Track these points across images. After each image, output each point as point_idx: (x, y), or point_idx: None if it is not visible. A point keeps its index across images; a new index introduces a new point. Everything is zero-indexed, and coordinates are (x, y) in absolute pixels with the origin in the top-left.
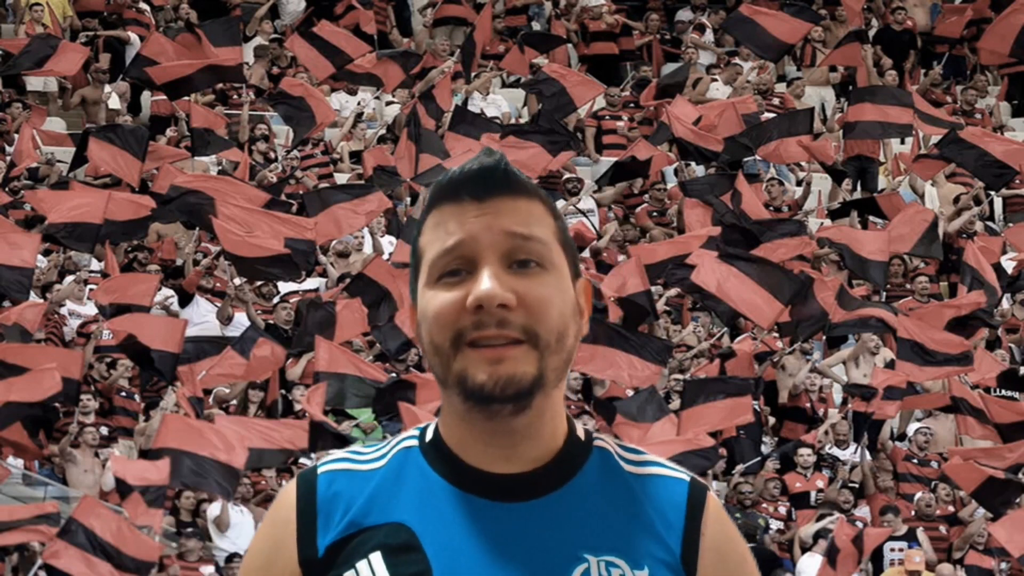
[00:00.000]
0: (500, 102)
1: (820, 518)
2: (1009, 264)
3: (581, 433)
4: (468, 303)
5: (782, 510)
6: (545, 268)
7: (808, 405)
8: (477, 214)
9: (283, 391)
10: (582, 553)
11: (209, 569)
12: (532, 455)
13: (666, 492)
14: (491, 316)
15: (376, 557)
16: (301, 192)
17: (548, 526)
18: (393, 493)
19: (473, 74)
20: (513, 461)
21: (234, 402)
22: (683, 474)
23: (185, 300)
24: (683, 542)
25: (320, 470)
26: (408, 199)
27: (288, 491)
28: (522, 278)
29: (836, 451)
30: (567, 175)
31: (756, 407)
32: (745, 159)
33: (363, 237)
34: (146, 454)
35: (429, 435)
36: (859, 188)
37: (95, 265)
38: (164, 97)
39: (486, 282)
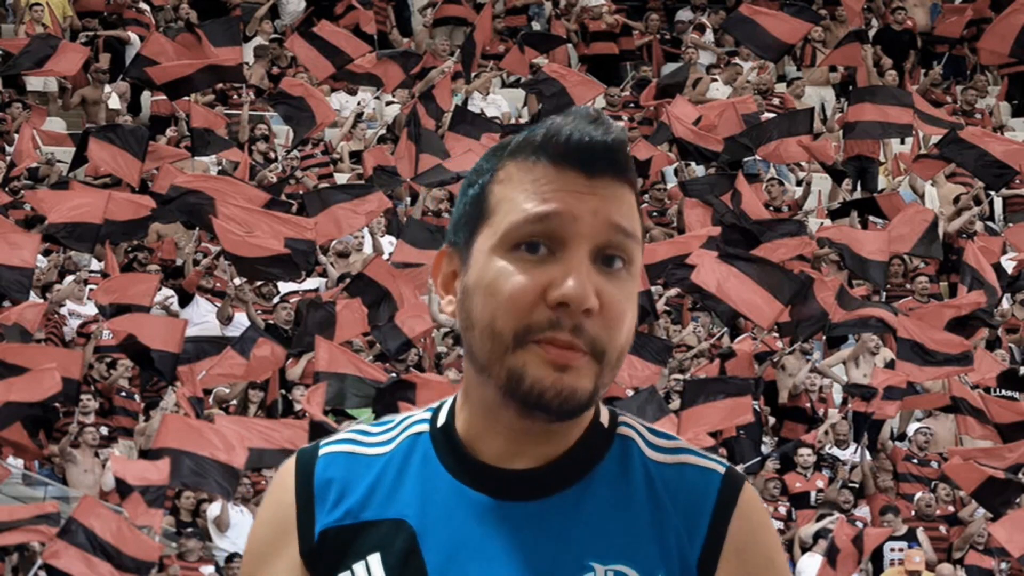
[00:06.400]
0: (500, 102)
1: (820, 518)
2: (1009, 264)
3: (605, 419)
4: (551, 297)
5: (782, 510)
6: (629, 272)
7: (808, 405)
8: (584, 190)
9: (283, 391)
10: (589, 561)
11: (209, 569)
12: (550, 452)
13: (694, 486)
14: (570, 319)
15: (375, 560)
16: (301, 192)
17: (555, 529)
18: (396, 485)
19: (473, 74)
20: (528, 457)
21: (234, 402)
22: (717, 465)
23: (185, 300)
24: (704, 544)
25: (321, 452)
26: (408, 199)
27: (287, 471)
28: (607, 279)
29: (836, 451)
30: None
31: (756, 407)
32: (745, 159)
33: (363, 237)
34: (146, 454)
35: (441, 419)
36: (859, 188)
37: (95, 265)
38: (164, 97)
39: (576, 281)
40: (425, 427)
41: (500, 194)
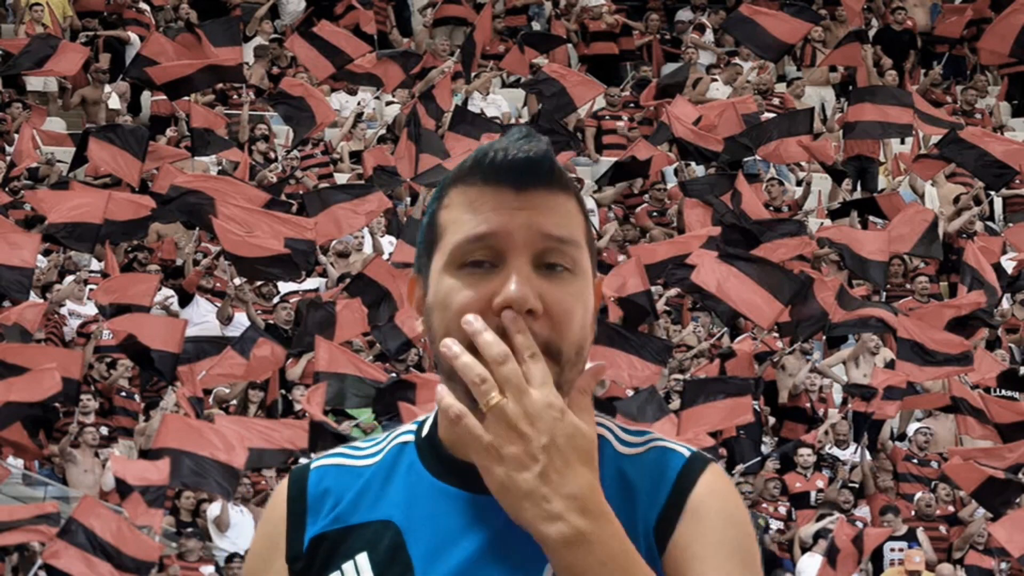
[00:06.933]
0: (500, 102)
1: (820, 518)
2: (1009, 264)
3: None
4: (495, 304)
5: (782, 510)
6: (573, 273)
7: (808, 405)
8: (515, 206)
9: (283, 391)
10: None
11: (209, 569)
12: None
13: (660, 465)
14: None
15: (363, 558)
16: (301, 192)
17: None
18: (382, 489)
19: (473, 74)
20: None
21: (234, 402)
22: (684, 449)
23: (185, 300)
24: (663, 508)
25: (313, 466)
26: (408, 199)
27: (281, 489)
28: (550, 282)
29: (836, 451)
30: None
31: (756, 407)
32: (745, 159)
33: (363, 237)
34: (146, 454)
35: (426, 429)
36: (859, 188)
37: (95, 265)
38: (164, 97)
39: (516, 285)
40: (411, 437)
41: (446, 219)
